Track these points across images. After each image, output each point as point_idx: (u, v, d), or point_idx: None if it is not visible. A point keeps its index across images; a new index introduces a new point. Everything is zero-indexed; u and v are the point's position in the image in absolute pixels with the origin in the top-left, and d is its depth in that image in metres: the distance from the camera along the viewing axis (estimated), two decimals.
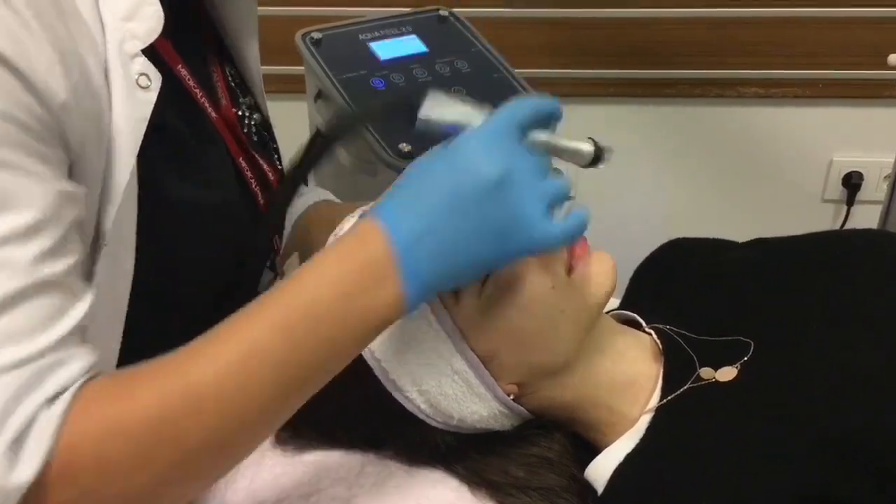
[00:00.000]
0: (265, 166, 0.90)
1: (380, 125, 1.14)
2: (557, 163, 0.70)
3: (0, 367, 0.54)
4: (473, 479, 0.79)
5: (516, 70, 1.28)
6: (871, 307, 0.81)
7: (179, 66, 0.80)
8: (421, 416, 0.78)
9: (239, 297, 0.79)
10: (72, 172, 0.64)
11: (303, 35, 1.27)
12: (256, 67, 0.96)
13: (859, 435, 0.68)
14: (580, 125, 1.76)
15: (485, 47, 1.30)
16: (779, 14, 1.70)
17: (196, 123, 0.81)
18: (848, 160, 1.87)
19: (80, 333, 0.60)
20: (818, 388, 0.73)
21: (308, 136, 1.30)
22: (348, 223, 0.82)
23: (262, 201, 0.89)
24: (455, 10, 1.35)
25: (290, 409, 0.64)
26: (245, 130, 0.90)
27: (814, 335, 0.79)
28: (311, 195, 1.06)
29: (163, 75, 0.72)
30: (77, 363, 0.58)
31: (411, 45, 1.29)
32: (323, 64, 1.23)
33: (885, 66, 1.42)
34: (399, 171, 0.76)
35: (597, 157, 0.69)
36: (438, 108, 0.68)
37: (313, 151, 0.80)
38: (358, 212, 0.82)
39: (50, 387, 0.56)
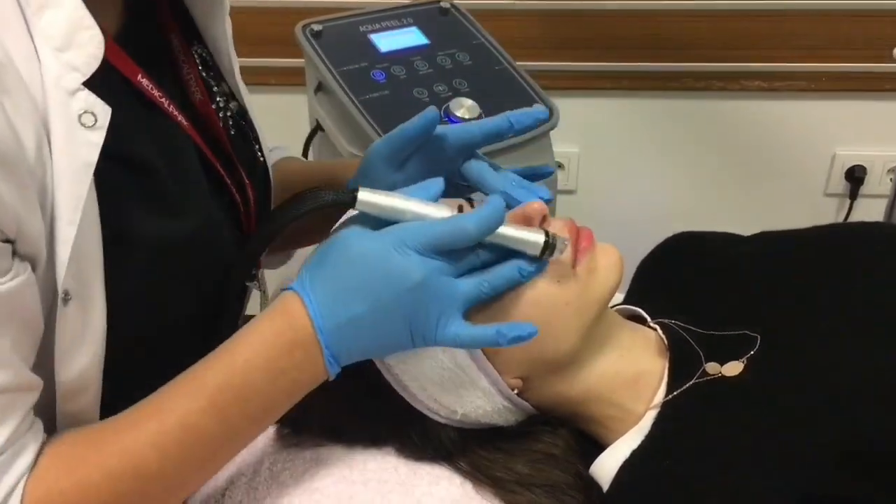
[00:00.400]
0: (242, 171, 0.84)
1: (379, 121, 1.14)
2: (557, 158, 0.69)
3: None
4: (477, 476, 0.78)
5: (518, 63, 1.27)
6: (880, 302, 0.80)
7: (139, 76, 0.72)
8: (424, 411, 0.77)
9: (222, 324, 0.80)
10: (14, 250, 0.61)
11: (303, 27, 1.26)
12: (227, 44, 0.86)
13: (866, 434, 0.68)
14: (582, 119, 1.79)
15: (486, 40, 1.29)
16: (782, 7, 1.70)
17: (165, 139, 0.75)
18: (851, 154, 1.86)
19: (29, 418, 0.65)
20: (825, 385, 0.73)
21: (308, 130, 1.31)
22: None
23: (241, 208, 0.84)
24: (456, 1, 1.35)
25: (225, 462, 0.73)
26: (222, 125, 0.84)
27: (821, 330, 0.79)
28: (277, 152, 1.04)
29: (122, 89, 0.68)
30: (30, 451, 0.64)
31: (412, 37, 1.28)
32: (323, 56, 1.22)
33: (889, 60, 1.41)
34: None
35: (549, 248, 0.72)
36: (374, 200, 0.71)
37: (265, 233, 0.80)
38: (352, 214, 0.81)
39: (11, 477, 0.63)
